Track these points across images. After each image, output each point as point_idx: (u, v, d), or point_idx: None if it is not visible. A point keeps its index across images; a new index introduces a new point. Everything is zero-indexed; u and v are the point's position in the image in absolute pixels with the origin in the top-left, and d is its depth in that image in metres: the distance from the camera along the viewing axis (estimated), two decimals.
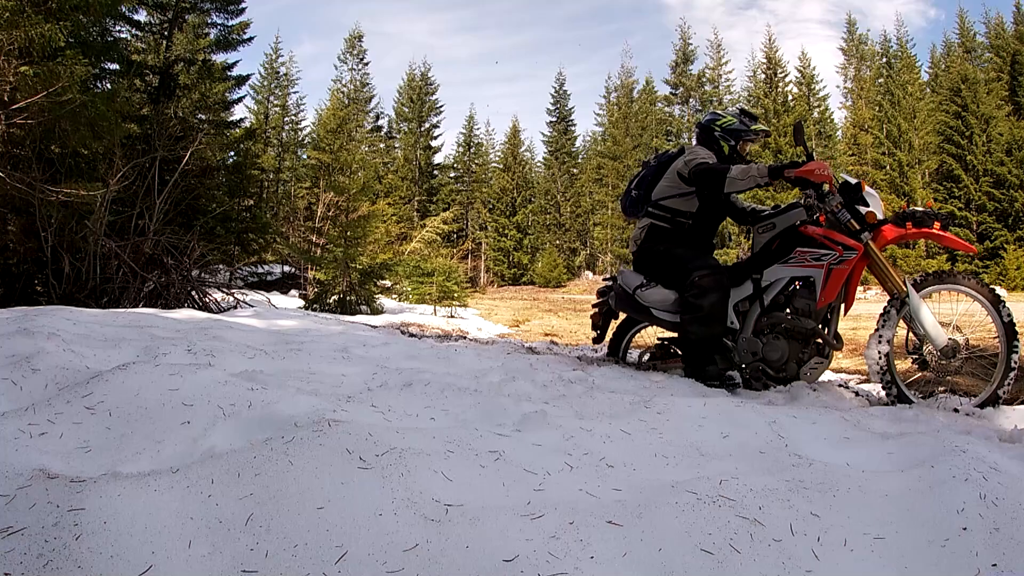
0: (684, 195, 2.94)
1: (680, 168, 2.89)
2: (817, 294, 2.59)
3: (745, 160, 2.96)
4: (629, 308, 3.10)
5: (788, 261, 2.67)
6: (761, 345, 2.70)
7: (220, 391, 1.48)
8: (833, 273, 2.55)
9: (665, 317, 2.91)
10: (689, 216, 2.96)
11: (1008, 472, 1.19)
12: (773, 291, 2.71)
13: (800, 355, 2.65)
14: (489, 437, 1.36)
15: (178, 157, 7.71)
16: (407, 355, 2.92)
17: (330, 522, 0.92)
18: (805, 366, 2.63)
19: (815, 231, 2.64)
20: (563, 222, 34.30)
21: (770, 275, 2.71)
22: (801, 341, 2.65)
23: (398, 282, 13.91)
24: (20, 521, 0.85)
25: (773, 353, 2.67)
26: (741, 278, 2.80)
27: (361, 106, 31.79)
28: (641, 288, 2.97)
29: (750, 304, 2.78)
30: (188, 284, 6.12)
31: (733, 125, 2.94)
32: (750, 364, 2.72)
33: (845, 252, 2.54)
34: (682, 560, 0.92)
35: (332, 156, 16.07)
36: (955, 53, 29.08)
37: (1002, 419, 2.22)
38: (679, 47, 32.39)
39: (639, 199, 3.16)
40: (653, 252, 2.99)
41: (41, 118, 4.76)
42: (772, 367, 2.68)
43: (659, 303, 2.91)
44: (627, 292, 3.04)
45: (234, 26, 13.65)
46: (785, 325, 2.66)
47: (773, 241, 2.78)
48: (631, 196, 3.21)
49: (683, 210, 2.96)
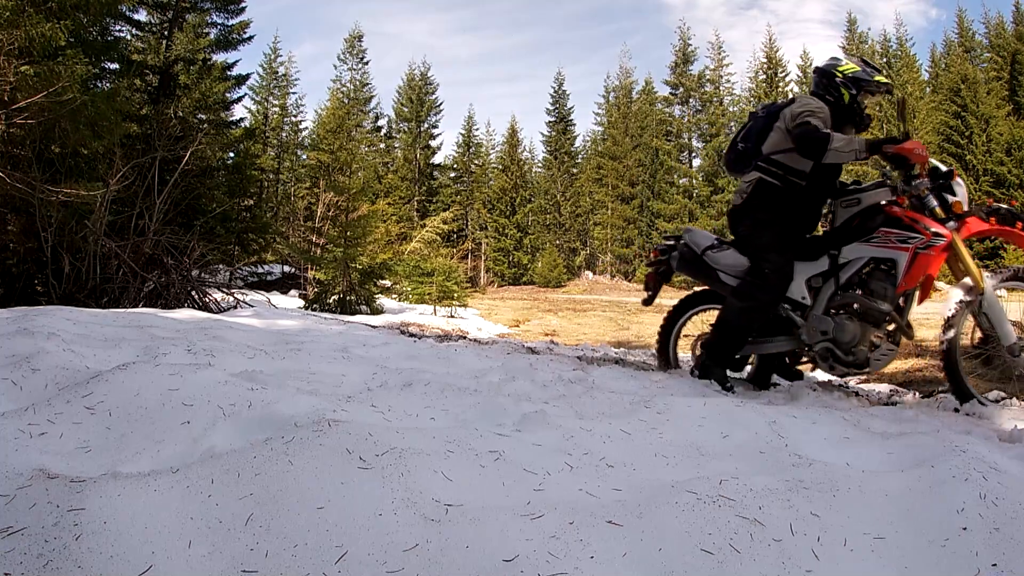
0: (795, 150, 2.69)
1: (787, 120, 2.66)
2: (898, 278, 2.46)
3: (863, 112, 2.75)
4: (692, 269, 2.90)
5: (871, 240, 2.53)
6: (833, 325, 2.55)
7: (220, 391, 1.48)
8: (919, 258, 2.42)
9: (730, 282, 2.74)
10: (802, 175, 2.70)
11: (1008, 472, 1.19)
12: (850, 270, 2.56)
13: (873, 340, 2.51)
14: (489, 437, 1.36)
15: (178, 157, 7.71)
16: (407, 355, 2.92)
17: (330, 522, 0.92)
18: (876, 351, 2.50)
19: (903, 212, 2.49)
20: (563, 222, 34.30)
21: (849, 252, 2.57)
22: (874, 325, 2.50)
23: (398, 282, 13.91)
24: (20, 521, 0.85)
25: (844, 334, 2.52)
26: (817, 252, 2.64)
27: (361, 106, 31.78)
28: (713, 249, 2.80)
29: (823, 281, 2.62)
30: (188, 284, 6.12)
31: (856, 72, 2.70)
32: (818, 343, 2.58)
33: (934, 238, 2.39)
34: (682, 560, 0.92)
35: (332, 156, 16.09)
36: (955, 53, 29.08)
37: (1002, 419, 2.22)
38: (679, 47, 32.39)
39: (746, 152, 2.87)
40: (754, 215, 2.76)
41: (41, 118, 4.76)
42: (842, 349, 2.53)
43: (730, 267, 2.75)
44: (694, 252, 2.86)
45: (234, 26, 13.67)
46: (859, 306, 2.52)
47: (855, 218, 2.63)
48: (737, 150, 2.93)
49: (797, 168, 2.69)
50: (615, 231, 31.67)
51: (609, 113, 35.03)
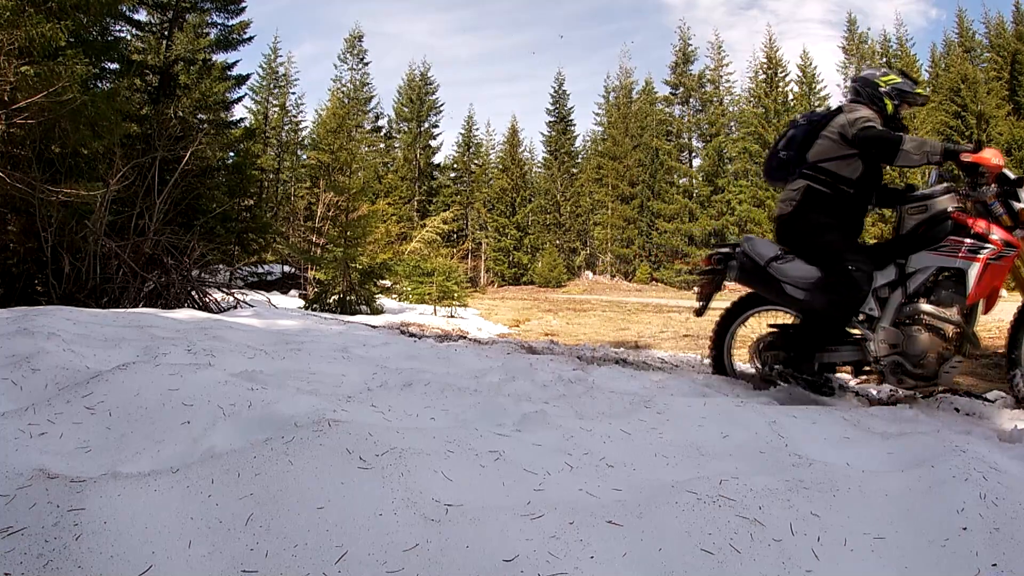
0: (846, 158, 2.66)
1: (843, 127, 2.63)
2: (968, 288, 2.39)
3: (903, 123, 2.73)
4: (754, 280, 2.81)
5: (939, 249, 2.46)
6: (903, 337, 2.47)
7: (220, 391, 1.48)
8: (990, 269, 2.37)
9: (797, 295, 2.65)
10: (850, 183, 2.67)
11: (1008, 472, 1.19)
12: (917, 279, 2.49)
13: (942, 352, 2.43)
14: (489, 437, 1.36)
15: (178, 157, 7.72)
16: (407, 355, 2.92)
17: (330, 522, 0.92)
18: (946, 364, 2.42)
19: (973, 221, 2.43)
20: (563, 222, 34.29)
21: (917, 262, 2.50)
22: (942, 337, 2.44)
23: (398, 282, 13.91)
24: (20, 521, 0.85)
25: (915, 347, 2.44)
26: (884, 261, 2.57)
27: (361, 106, 31.77)
28: (778, 260, 2.70)
29: (890, 291, 2.55)
30: (188, 284, 6.13)
31: (899, 84, 2.69)
32: (887, 356, 2.50)
33: (1005, 249, 2.35)
34: (682, 560, 0.92)
35: (332, 156, 16.07)
36: (955, 53, 29.06)
37: (1002, 419, 2.22)
38: (679, 47, 32.38)
39: (789, 161, 2.85)
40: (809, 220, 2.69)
41: (41, 118, 4.76)
42: (911, 361, 2.46)
43: (798, 278, 2.64)
44: (756, 263, 2.76)
45: (234, 26, 13.67)
46: (928, 318, 2.45)
47: (921, 225, 2.55)
48: (779, 158, 2.90)
49: (844, 175, 2.67)
50: (615, 231, 31.67)
51: (609, 113, 35.01)
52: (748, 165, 28.39)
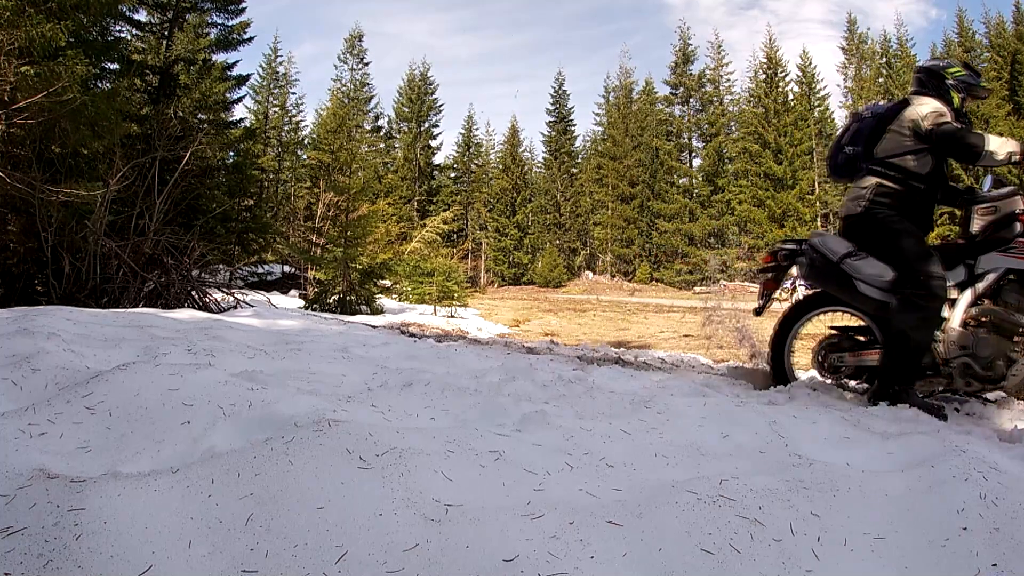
0: (917, 153, 2.60)
1: (915, 122, 2.57)
2: None
3: (968, 117, 2.69)
4: (825, 278, 2.73)
5: (1008, 251, 2.44)
6: (972, 340, 2.43)
7: (220, 391, 1.48)
8: None
9: (872, 294, 2.58)
10: (920, 179, 2.61)
11: (1008, 472, 1.19)
12: (987, 281, 2.46)
13: (1010, 355, 2.39)
14: (489, 437, 1.36)
15: (178, 157, 7.72)
16: (407, 355, 2.92)
17: (330, 522, 0.92)
18: (1014, 366, 2.39)
19: None
20: (563, 222, 34.29)
21: (986, 263, 2.47)
22: (1010, 339, 2.40)
23: (398, 282, 13.92)
24: (20, 521, 0.85)
25: (984, 349, 2.41)
26: (954, 262, 2.53)
27: (361, 106, 31.77)
28: (851, 257, 2.62)
29: (960, 291, 2.52)
30: (188, 284, 6.13)
31: (965, 76, 2.64)
32: (957, 358, 2.47)
33: None
34: (682, 560, 0.92)
35: (332, 156, 16.09)
36: (955, 53, 29.03)
37: (1002, 419, 2.22)
38: (679, 47, 32.37)
39: (855, 156, 2.77)
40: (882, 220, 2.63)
41: (41, 118, 4.76)
42: (980, 364, 2.43)
43: (872, 276, 2.57)
44: (828, 260, 2.68)
45: (234, 26, 13.68)
46: (997, 320, 2.42)
47: (990, 226, 2.53)
48: (844, 153, 2.82)
49: (915, 171, 2.61)
50: (615, 231, 31.66)
51: (609, 113, 35.00)
52: (748, 165, 28.38)
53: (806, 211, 26.91)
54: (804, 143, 27.83)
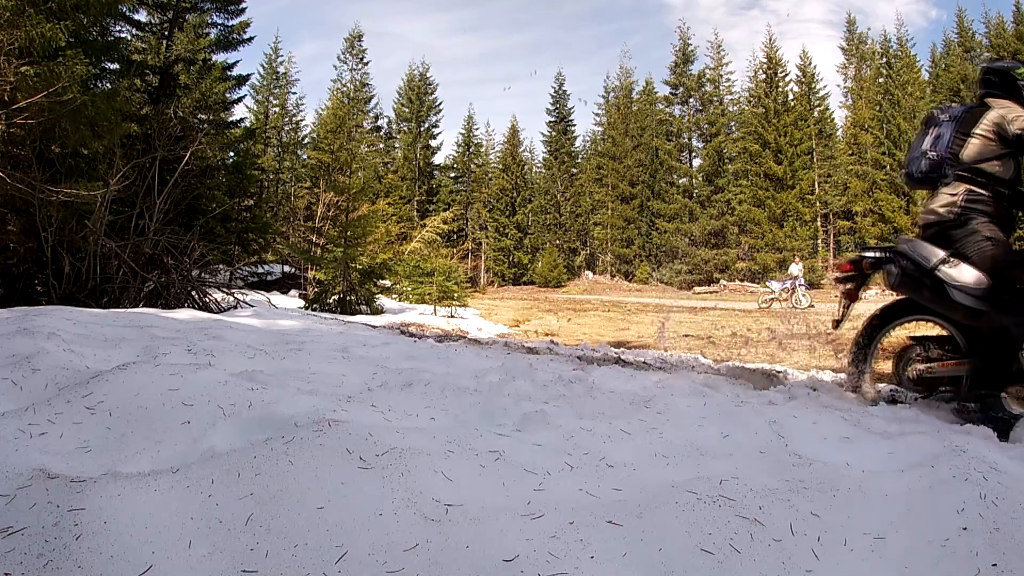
0: (1002, 157, 2.56)
1: (1000, 126, 2.53)
2: None
3: None
4: (917, 286, 2.64)
5: None
6: None
7: (220, 391, 1.48)
8: None
9: (966, 302, 2.48)
10: (1005, 184, 2.57)
11: (1008, 472, 1.19)
12: None
13: None
14: (489, 437, 1.36)
15: (178, 157, 7.72)
16: (407, 355, 2.92)
17: (330, 522, 0.92)
18: None
19: None
20: (563, 222, 34.30)
21: None
22: None
23: (398, 282, 13.93)
24: (20, 521, 0.85)
25: None
26: None
27: (361, 106, 31.78)
28: (946, 264, 2.53)
29: None
30: (188, 284, 6.13)
31: None
32: None
33: None
34: (682, 560, 0.92)
35: (332, 156, 16.10)
36: (955, 53, 29.04)
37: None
38: (679, 47, 32.40)
39: (940, 162, 2.68)
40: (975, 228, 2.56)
41: (41, 118, 4.76)
42: None
43: (968, 285, 2.48)
44: (922, 267, 2.60)
45: (234, 26, 13.68)
46: None
47: None
48: (929, 159, 2.72)
49: (1000, 176, 2.57)
50: (615, 231, 31.67)
51: (609, 113, 35.01)
52: (748, 165, 28.38)
53: (806, 211, 26.92)
54: (804, 143, 27.83)
